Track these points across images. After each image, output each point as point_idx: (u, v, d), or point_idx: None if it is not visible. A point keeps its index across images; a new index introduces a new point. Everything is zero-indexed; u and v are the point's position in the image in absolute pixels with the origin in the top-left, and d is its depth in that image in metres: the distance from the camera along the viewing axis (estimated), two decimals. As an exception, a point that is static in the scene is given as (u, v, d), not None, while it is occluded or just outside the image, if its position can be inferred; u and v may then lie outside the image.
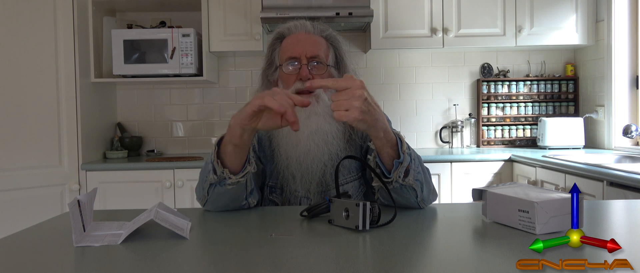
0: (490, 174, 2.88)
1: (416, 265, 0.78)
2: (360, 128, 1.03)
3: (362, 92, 0.98)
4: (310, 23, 1.34)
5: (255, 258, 0.82)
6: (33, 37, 2.63)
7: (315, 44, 1.30)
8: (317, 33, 1.33)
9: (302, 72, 1.26)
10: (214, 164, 1.11)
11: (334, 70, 1.34)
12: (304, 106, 1.02)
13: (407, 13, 3.07)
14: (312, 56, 1.28)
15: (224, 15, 3.01)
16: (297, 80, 1.26)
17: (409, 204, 1.16)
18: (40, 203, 2.63)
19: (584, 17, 3.08)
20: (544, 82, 3.37)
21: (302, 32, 1.32)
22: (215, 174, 1.11)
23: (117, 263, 0.81)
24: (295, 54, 1.28)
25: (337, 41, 1.36)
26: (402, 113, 3.42)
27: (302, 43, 1.29)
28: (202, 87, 3.38)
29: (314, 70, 1.28)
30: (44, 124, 2.67)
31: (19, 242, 0.95)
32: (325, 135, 1.25)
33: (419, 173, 1.14)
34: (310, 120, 1.25)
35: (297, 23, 1.34)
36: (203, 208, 1.22)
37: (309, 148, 1.25)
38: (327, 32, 1.35)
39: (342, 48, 1.36)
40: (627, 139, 2.90)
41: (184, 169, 2.78)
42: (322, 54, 1.30)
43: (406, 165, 1.10)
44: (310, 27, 1.33)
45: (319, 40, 1.32)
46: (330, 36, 1.35)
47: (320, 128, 1.25)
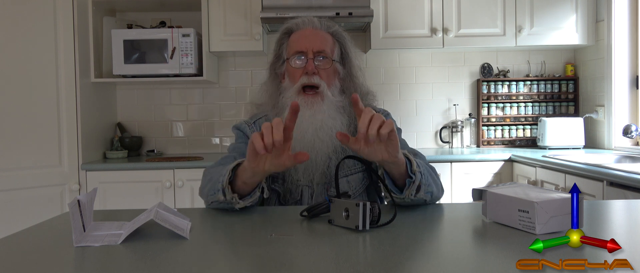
0: (490, 174, 2.88)
1: (416, 265, 0.78)
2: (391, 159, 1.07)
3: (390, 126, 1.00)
4: (317, 19, 1.39)
5: (255, 258, 0.82)
6: (33, 37, 2.63)
7: (321, 40, 1.34)
8: (324, 29, 1.38)
9: (308, 66, 1.31)
10: (224, 189, 1.11)
11: (339, 65, 1.38)
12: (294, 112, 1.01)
13: (407, 13, 3.07)
14: (319, 51, 1.32)
15: (224, 15, 3.01)
16: (304, 74, 1.31)
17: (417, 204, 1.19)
18: (40, 203, 2.63)
19: (584, 17, 3.08)
20: (544, 82, 3.37)
21: (309, 28, 1.37)
22: (224, 196, 1.12)
23: (117, 263, 0.81)
24: (302, 49, 1.32)
25: (343, 37, 1.40)
26: (402, 113, 3.42)
27: (309, 38, 1.34)
28: (202, 87, 3.38)
29: (320, 65, 1.32)
30: (44, 124, 2.67)
31: (19, 242, 0.95)
32: (330, 130, 1.29)
33: (430, 184, 1.16)
34: (315, 118, 1.28)
35: (305, 19, 1.39)
36: (203, 208, 1.23)
37: (314, 143, 1.28)
38: (333, 29, 1.39)
39: (347, 44, 1.40)
40: (627, 139, 2.90)
41: (184, 169, 2.78)
42: (328, 49, 1.34)
43: (418, 183, 1.12)
44: (318, 23, 1.38)
45: (326, 36, 1.36)
46: (336, 32, 1.39)
47: (325, 123, 1.29)
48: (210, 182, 1.19)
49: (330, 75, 1.34)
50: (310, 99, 1.30)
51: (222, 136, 3.42)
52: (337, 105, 1.33)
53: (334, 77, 1.35)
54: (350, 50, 1.41)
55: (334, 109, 1.31)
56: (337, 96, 1.34)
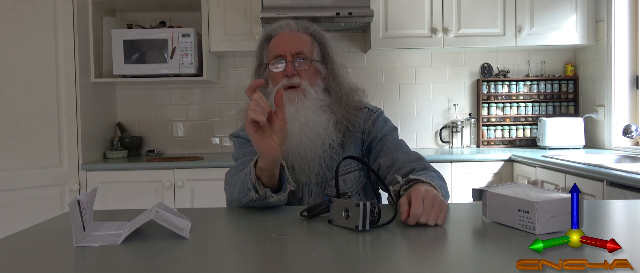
0: (490, 174, 2.88)
1: (416, 265, 0.78)
2: None
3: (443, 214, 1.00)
4: (294, 22, 1.40)
5: (255, 258, 0.82)
6: (33, 37, 2.63)
7: (298, 41, 1.36)
8: (301, 31, 1.39)
9: (287, 68, 1.32)
10: (255, 185, 1.13)
11: (320, 65, 1.39)
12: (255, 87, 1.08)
13: (407, 13, 3.07)
14: (297, 53, 1.34)
15: (224, 15, 3.01)
16: (284, 77, 1.32)
17: None
18: (40, 203, 2.63)
19: (584, 17, 3.08)
20: (544, 82, 3.37)
21: (286, 31, 1.38)
22: (257, 193, 1.14)
23: (117, 263, 0.81)
24: (281, 52, 1.34)
25: (322, 36, 1.41)
26: (402, 113, 3.42)
27: (286, 41, 1.35)
28: (202, 87, 3.38)
29: (299, 66, 1.34)
30: (44, 124, 2.67)
31: (19, 242, 0.95)
32: (315, 126, 1.30)
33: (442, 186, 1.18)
34: (299, 114, 1.30)
35: (282, 23, 1.40)
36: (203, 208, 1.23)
37: (301, 140, 1.29)
38: (311, 29, 1.40)
39: (327, 43, 1.41)
40: (627, 139, 2.90)
41: (184, 169, 2.78)
42: (307, 50, 1.36)
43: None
44: (294, 26, 1.39)
45: (303, 37, 1.38)
46: (314, 32, 1.40)
47: (309, 119, 1.30)
48: (237, 185, 1.21)
49: (312, 75, 1.35)
50: (291, 94, 1.31)
51: (222, 136, 3.42)
52: (321, 103, 1.34)
53: (315, 77, 1.36)
54: (331, 49, 1.41)
55: (317, 106, 1.32)
56: (320, 94, 1.35)
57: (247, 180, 1.14)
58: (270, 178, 1.13)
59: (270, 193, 1.13)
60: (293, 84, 1.31)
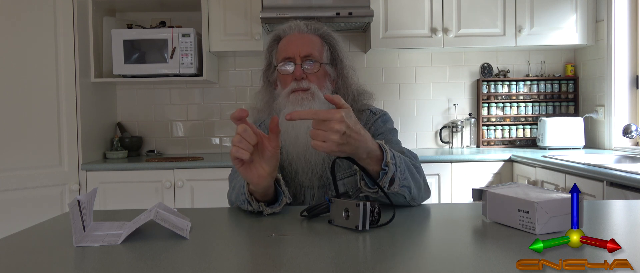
0: (490, 174, 2.88)
1: (416, 265, 0.78)
2: (341, 155, 1.03)
3: (340, 126, 0.96)
4: (304, 23, 1.37)
5: (255, 258, 0.82)
6: (33, 37, 2.63)
7: (308, 43, 1.33)
8: (311, 32, 1.37)
9: (296, 72, 1.30)
10: (249, 199, 1.12)
11: (330, 67, 1.37)
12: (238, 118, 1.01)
13: (407, 13, 3.07)
14: (306, 55, 1.31)
15: (224, 15, 3.01)
16: (293, 80, 1.30)
17: (399, 203, 1.17)
18: (40, 203, 2.63)
19: (584, 17, 3.08)
20: (544, 82, 3.37)
21: (296, 33, 1.36)
22: (251, 206, 1.13)
23: (117, 263, 0.81)
24: (290, 54, 1.32)
25: (332, 38, 1.38)
26: (402, 113, 3.42)
27: (295, 43, 1.33)
28: (202, 87, 3.39)
29: (308, 69, 1.31)
30: (44, 124, 2.67)
31: (19, 242, 0.95)
32: None
33: (405, 178, 1.13)
34: None
35: (292, 24, 1.38)
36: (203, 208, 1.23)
37: (307, 143, 1.26)
38: (321, 31, 1.38)
39: (337, 45, 1.38)
40: (627, 139, 2.90)
41: (184, 169, 2.78)
42: (316, 52, 1.33)
43: (391, 175, 1.09)
44: (304, 27, 1.36)
45: (313, 39, 1.35)
46: (324, 34, 1.38)
47: None
48: (234, 190, 1.21)
49: (321, 78, 1.33)
50: (300, 97, 1.28)
51: (222, 136, 3.42)
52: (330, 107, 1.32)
53: (324, 79, 1.34)
54: (341, 51, 1.39)
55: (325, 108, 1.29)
56: None
57: (242, 192, 1.14)
58: (264, 196, 1.12)
59: (264, 207, 1.12)
60: (301, 88, 1.29)
